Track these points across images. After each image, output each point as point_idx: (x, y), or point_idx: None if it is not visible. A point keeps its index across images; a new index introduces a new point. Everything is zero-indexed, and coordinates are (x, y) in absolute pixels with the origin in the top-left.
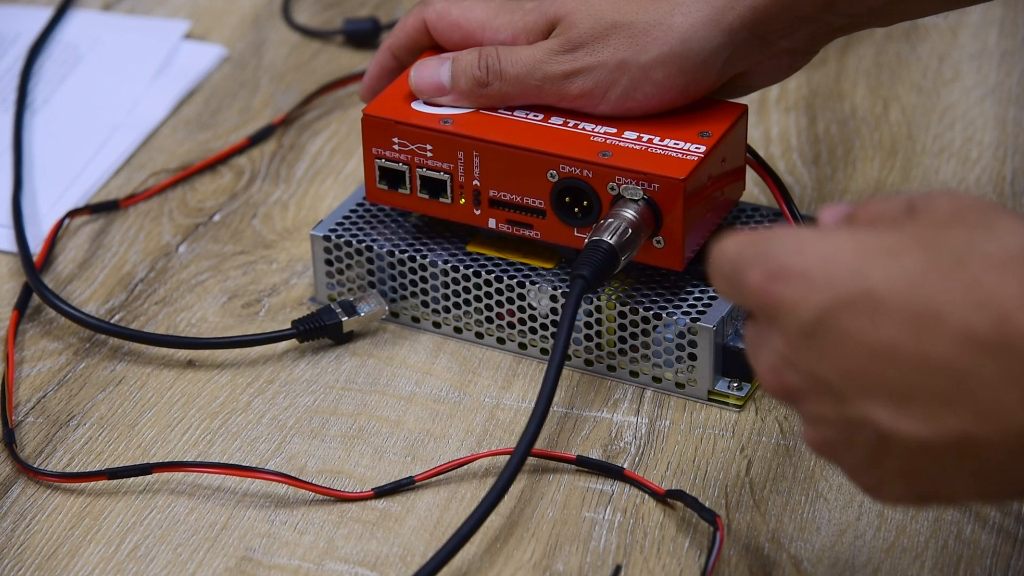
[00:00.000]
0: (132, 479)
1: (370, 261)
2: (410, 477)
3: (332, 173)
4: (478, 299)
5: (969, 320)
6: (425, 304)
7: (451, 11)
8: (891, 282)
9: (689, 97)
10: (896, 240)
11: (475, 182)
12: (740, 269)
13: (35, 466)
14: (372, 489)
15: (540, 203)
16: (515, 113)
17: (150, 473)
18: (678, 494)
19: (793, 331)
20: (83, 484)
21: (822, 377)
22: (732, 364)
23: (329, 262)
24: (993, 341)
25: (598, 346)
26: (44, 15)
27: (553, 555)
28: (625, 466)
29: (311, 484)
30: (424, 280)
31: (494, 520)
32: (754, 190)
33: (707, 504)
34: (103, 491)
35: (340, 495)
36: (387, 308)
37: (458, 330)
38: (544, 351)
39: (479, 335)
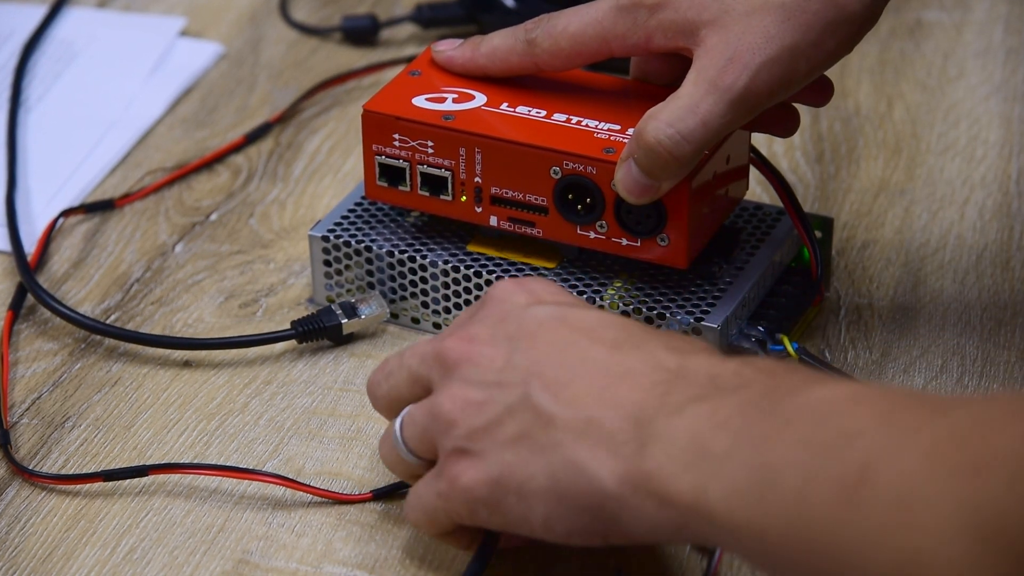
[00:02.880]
0: (128, 481)
1: (369, 261)
2: None
3: (330, 171)
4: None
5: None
6: (425, 305)
7: None
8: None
9: None
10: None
11: (476, 179)
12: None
13: (30, 468)
14: (371, 491)
15: (542, 200)
16: (517, 109)
17: (146, 475)
18: None
19: (511, 306)
20: (79, 486)
21: (510, 334)
22: None
23: (327, 262)
24: (638, 421)
25: None
26: (39, 12)
27: (554, 558)
28: None
29: (309, 486)
30: (424, 280)
31: None
32: (757, 189)
33: None
34: (99, 493)
35: (338, 497)
36: (388, 310)
37: None
38: None
39: None
